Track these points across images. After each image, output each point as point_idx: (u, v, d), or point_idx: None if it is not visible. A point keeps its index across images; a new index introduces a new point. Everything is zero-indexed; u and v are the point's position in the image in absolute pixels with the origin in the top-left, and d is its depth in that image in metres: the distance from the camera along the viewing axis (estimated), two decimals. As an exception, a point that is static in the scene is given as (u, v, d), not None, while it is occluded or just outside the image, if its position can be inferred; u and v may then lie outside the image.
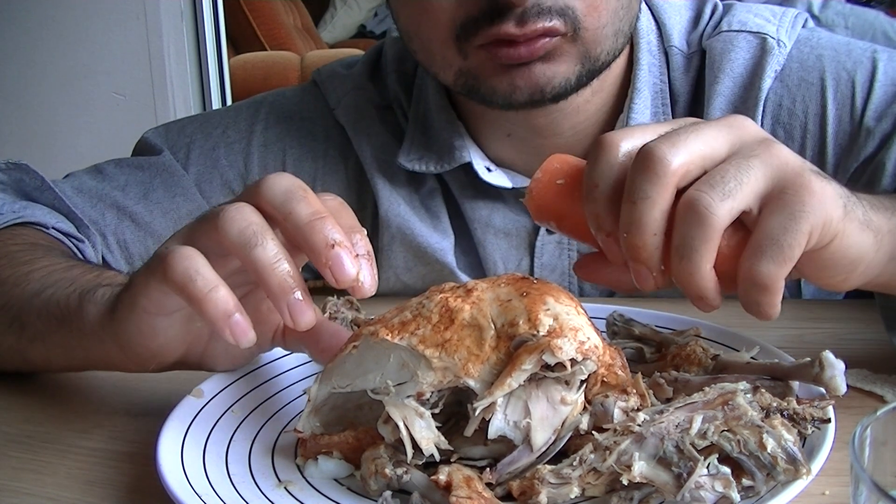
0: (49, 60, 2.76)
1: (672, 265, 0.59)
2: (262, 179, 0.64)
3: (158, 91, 2.74)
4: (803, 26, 1.02)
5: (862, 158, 0.95)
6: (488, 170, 1.01)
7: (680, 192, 0.59)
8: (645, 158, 0.59)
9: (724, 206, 0.57)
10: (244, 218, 0.61)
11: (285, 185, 0.63)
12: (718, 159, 0.60)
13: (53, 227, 0.95)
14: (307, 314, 0.60)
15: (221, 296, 0.60)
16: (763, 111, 0.97)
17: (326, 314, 0.83)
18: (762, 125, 0.97)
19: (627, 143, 0.61)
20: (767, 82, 0.97)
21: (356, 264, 0.60)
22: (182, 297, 0.61)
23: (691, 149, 0.59)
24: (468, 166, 1.00)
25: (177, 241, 0.64)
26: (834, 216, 0.59)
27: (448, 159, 1.01)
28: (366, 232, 0.64)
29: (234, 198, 0.65)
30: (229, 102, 2.90)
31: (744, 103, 0.97)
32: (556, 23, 0.84)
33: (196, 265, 0.61)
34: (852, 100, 0.96)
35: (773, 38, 0.98)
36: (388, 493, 0.58)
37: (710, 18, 1.03)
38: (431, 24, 0.88)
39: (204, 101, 2.81)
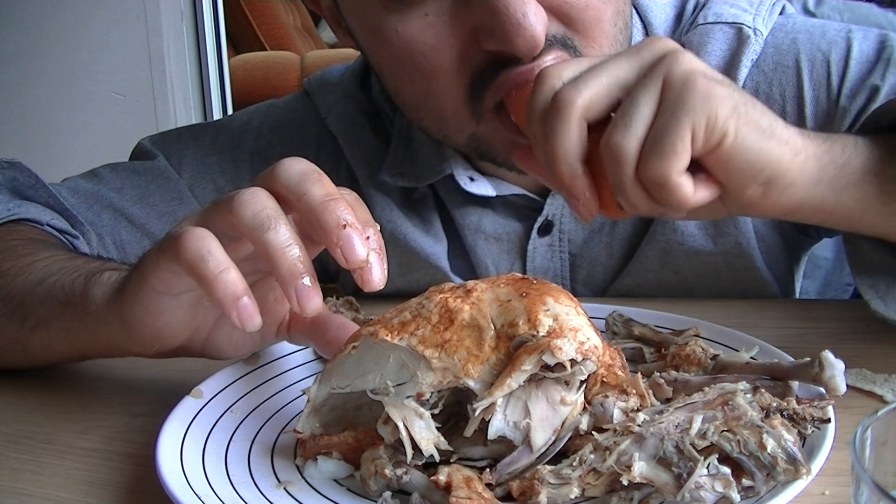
0: (49, 60, 2.76)
1: (621, 201, 0.66)
2: (279, 162, 0.64)
3: (158, 91, 2.74)
4: (781, 13, 1.02)
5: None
6: (471, 179, 1.00)
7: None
8: (553, 101, 0.66)
9: (631, 138, 0.63)
10: (259, 202, 0.61)
11: (301, 168, 0.63)
12: (627, 84, 0.65)
13: (48, 224, 0.96)
14: (314, 300, 0.60)
15: (231, 278, 0.60)
16: None
17: (326, 314, 0.83)
18: None
19: (566, 72, 0.67)
20: (744, 72, 0.97)
21: (367, 246, 0.61)
22: (192, 277, 0.61)
23: (593, 85, 0.65)
24: (452, 175, 1.00)
25: (190, 222, 0.64)
26: (720, 114, 0.62)
27: (429, 173, 1.01)
28: (379, 227, 0.64)
29: (251, 181, 0.65)
30: (229, 102, 2.90)
31: None
32: (561, 53, 0.83)
33: (208, 246, 0.61)
34: (828, 79, 0.97)
35: (749, 27, 0.98)
36: (387, 494, 0.58)
37: (693, 14, 1.03)
38: (442, 92, 0.86)
39: (204, 101, 2.82)
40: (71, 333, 0.76)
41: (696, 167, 0.65)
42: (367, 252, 0.60)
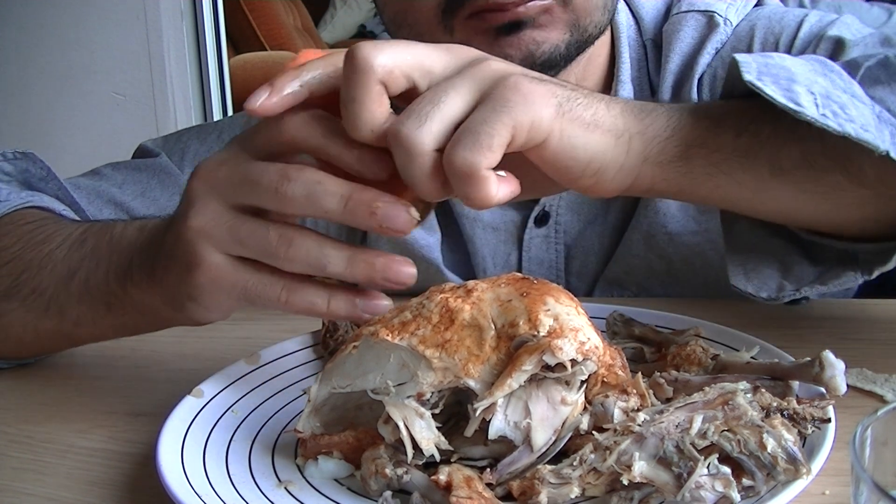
0: (49, 60, 2.76)
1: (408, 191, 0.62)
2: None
3: (158, 91, 2.74)
4: (759, 5, 1.03)
5: None
6: None
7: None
8: (348, 58, 0.60)
9: (424, 131, 0.58)
10: (301, 257, 0.63)
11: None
12: (429, 73, 0.61)
13: (59, 214, 0.96)
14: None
15: (342, 299, 0.65)
16: (700, 85, 0.99)
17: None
18: (700, 98, 0.99)
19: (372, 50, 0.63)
20: (706, 58, 0.98)
21: (401, 208, 0.61)
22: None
23: (396, 53, 0.60)
24: None
25: (228, 270, 0.65)
26: (543, 115, 0.60)
27: None
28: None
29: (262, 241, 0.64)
30: (229, 102, 2.91)
31: (688, 80, 0.99)
32: None
33: (309, 296, 0.65)
34: None
35: (720, 15, 1.00)
36: (388, 494, 0.58)
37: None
38: (418, 7, 0.89)
39: (204, 101, 2.81)
40: (125, 327, 0.79)
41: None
42: (405, 215, 0.61)
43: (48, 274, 0.80)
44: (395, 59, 0.60)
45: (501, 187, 0.60)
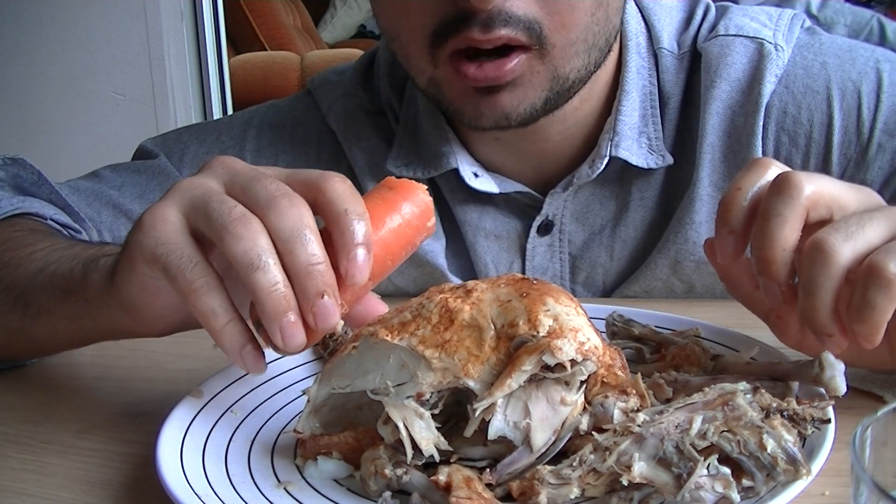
0: (49, 61, 2.77)
1: (799, 302, 0.63)
2: (275, 203, 0.62)
3: (158, 91, 2.74)
4: (801, 27, 1.02)
5: (877, 170, 0.96)
6: (475, 175, 1.01)
7: (806, 231, 0.64)
8: (780, 182, 0.64)
9: (847, 245, 0.61)
10: (250, 238, 0.61)
11: (293, 221, 0.62)
12: (845, 208, 0.65)
13: (51, 219, 0.96)
14: (297, 336, 0.61)
15: (237, 330, 0.62)
16: (766, 116, 0.98)
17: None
18: (766, 131, 0.97)
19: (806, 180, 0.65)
20: (768, 87, 0.97)
21: (337, 313, 0.61)
22: (194, 315, 0.63)
23: (822, 185, 0.64)
24: (456, 170, 1.01)
25: (172, 228, 0.63)
26: None
27: (435, 165, 1.01)
28: (369, 217, 0.64)
29: (246, 202, 0.63)
30: (229, 102, 2.91)
31: (742, 108, 0.97)
32: (520, 34, 0.84)
33: (217, 303, 0.62)
34: (859, 111, 0.96)
35: (770, 42, 0.98)
36: (387, 494, 0.58)
37: (703, 20, 1.03)
38: (408, 30, 0.89)
39: (204, 101, 2.82)
40: (74, 320, 0.77)
41: None
42: (337, 320, 0.62)
43: (23, 271, 0.81)
44: (820, 190, 0.64)
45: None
